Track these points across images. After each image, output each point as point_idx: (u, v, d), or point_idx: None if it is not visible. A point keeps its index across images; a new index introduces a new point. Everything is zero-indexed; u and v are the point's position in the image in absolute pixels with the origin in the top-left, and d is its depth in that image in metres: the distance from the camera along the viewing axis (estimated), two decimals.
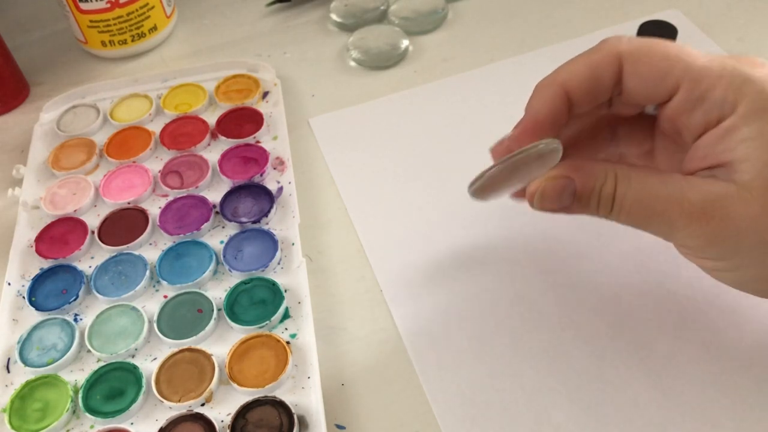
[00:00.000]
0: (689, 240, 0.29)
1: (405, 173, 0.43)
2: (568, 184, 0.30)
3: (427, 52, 0.52)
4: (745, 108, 0.28)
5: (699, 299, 0.35)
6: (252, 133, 0.45)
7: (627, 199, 0.30)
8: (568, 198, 0.31)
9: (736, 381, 0.33)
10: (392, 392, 0.34)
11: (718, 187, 0.28)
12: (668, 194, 0.29)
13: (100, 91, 0.50)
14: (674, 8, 0.52)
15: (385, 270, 0.39)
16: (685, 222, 0.28)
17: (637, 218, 0.30)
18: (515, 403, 0.33)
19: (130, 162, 0.45)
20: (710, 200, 0.28)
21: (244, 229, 0.40)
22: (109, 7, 0.50)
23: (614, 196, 0.30)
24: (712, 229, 0.28)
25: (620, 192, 0.30)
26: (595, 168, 0.30)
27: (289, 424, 0.32)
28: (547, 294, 0.37)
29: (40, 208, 0.43)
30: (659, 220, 0.29)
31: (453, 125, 0.46)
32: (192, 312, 0.37)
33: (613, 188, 0.30)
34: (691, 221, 0.28)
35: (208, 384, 0.34)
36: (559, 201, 0.31)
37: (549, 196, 0.31)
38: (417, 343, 0.35)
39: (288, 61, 0.53)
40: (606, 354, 0.34)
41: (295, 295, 0.37)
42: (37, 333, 0.36)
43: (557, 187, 0.30)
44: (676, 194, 0.28)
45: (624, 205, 0.30)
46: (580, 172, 0.30)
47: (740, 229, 0.28)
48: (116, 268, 0.39)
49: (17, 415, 0.33)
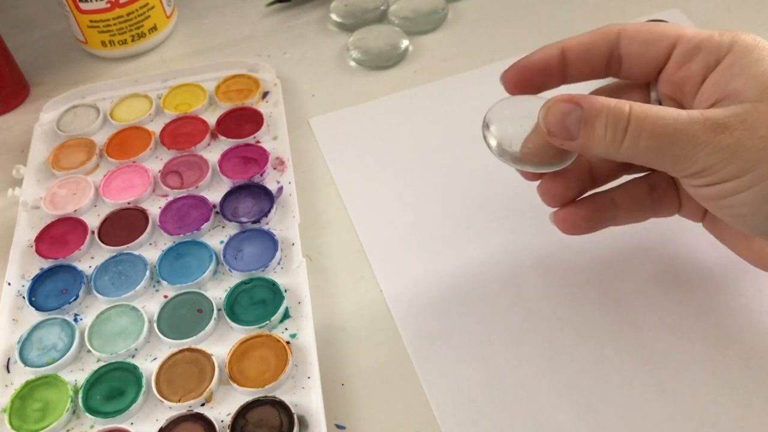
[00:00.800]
0: (712, 157, 0.29)
1: (405, 173, 0.43)
2: (573, 108, 0.30)
3: (427, 52, 0.52)
4: (740, 46, 0.30)
5: (699, 299, 0.36)
6: (252, 133, 0.45)
7: (645, 123, 0.29)
8: (574, 124, 0.30)
9: (736, 381, 0.33)
10: (392, 392, 0.34)
11: (735, 107, 0.29)
12: (689, 117, 0.29)
13: (100, 91, 0.50)
14: (674, 8, 0.52)
15: (385, 270, 0.39)
16: (709, 136, 0.28)
17: (656, 142, 0.29)
18: (515, 403, 0.33)
19: (130, 162, 0.45)
20: (732, 116, 0.29)
21: (244, 229, 0.40)
22: (109, 7, 0.50)
23: (629, 117, 0.29)
24: (737, 138, 0.28)
25: (637, 113, 0.29)
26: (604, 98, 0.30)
27: (289, 424, 0.32)
28: (547, 294, 0.37)
29: (40, 208, 0.43)
30: (683, 141, 0.29)
31: (453, 125, 0.46)
32: (192, 312, 0.37)
33: (627, 109, 0.29)
34: (716, 134, 0.28)
35: (208, 384, 0.34)
36: (561, 125, 0.30)
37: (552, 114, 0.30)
38: (417, 343, 0.35)
39: (288, 61, 0.53)
40: (606, 354, 0.34)
41: (295, 295, 0.37)
42: (37, 333, 0.36)
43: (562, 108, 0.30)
44: (697, 116, 0.29)
45: (642, 128, 0.29)
46: (586, 98, 0.30)
47: (762, 136, 0.28)
48: (116, 268, 0.39)
49: (17, 415, 0.33)
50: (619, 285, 0.36)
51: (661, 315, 0.35)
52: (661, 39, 0.32)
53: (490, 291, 0.37)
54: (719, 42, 0.30)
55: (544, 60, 0.33)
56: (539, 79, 0.33)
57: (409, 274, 0.38)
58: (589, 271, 0.37)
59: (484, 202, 0.40)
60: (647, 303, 0.36)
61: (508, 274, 0.38)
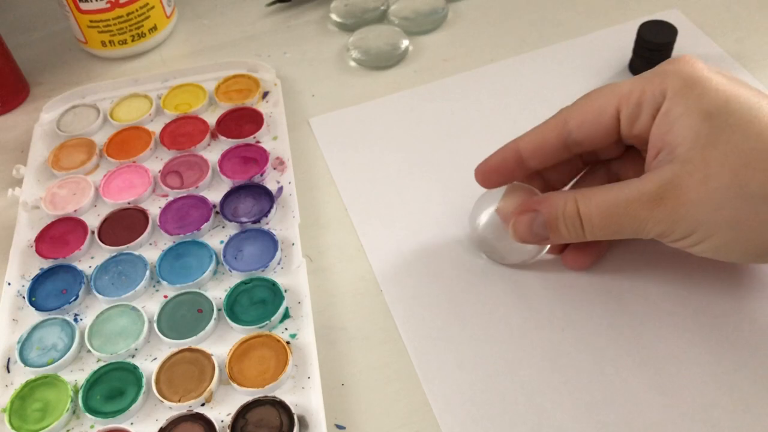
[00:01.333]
0: (657, 227, 0.31)
1: (405, 173, 0.43)
2: (536, 216, 0.33)
3: (427, 52, 0.52)
4: (672, 91, 0.31)
5: (699, 299, 0.36)
6: (252, 133, 0.45)
7: (593, 215, 0.32)
8: (541, 228, 0.33)
9: (736, 381, 0.33)
10: (392, 392, 0.34)
11: (666, 171, 0.30)
12: (627, 196, 0.31)
13: (100, 91, 0.50)
14: (674, 8, 0.52)
15: (385, 270, 0.39)
16: (647, 213, 0.30)
17: (608, 227, 0.32)
18: (515, 403, 0.33)
19: (130, 162, 0.45)
20: (663, 184, 0.30)
21: (244, 229, 0.40)
22: (109, 7, 0.50)
23: (579, 215, 0.32)
24: (671, 209, 0.30)
25: (583, 210, 0.32)
26: (556, 196, 0.33)
27: (289, 424, 0.32)
28: (547, 294, 0.37)
29: (40, 208, 0.43)
30: (628, 221, 0.31)
31: (453, 125, 0.46)
32: (192, 312, 0.37)
33: (575, 208, 0.32)
34: (653, 209, 0.30)
35: (208, 384, 0.34)
36: (531, 232, 0.34)
37: (520, 229, 0.34)
38: (417, 343, 0.35)
39: (288, 61, 0.53)
40: (606, 354, 0.34)
41: (295, 295, 0.37)
42: (37, 333, 0.36)
43: (526, 220, 0.34)
44: (633, 193, 0.31)
45: (592, 221, 0.32)
46: (543, 203, 0.33)
47: (693, 201, 0.30)
48: (116, 268, 0.39)
49: (17, 415, 0.33)
50: (619, 285, 0.36)
51: (661, 315, 0.35)
52: (603, 113, 0.33)
53: (491, 291, 0.37)
54: (653, 92, 0.32)
55: (499, 163, 0.36)
56: (502, 178, 0.36)
57: (409, 274, 0.38)
58: (589, 272, 0.37)
59: None
60: (647, 303, 0.36)
61: (508, 274, 0.38)
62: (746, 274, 0.36)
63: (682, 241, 0.31)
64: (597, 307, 0.36)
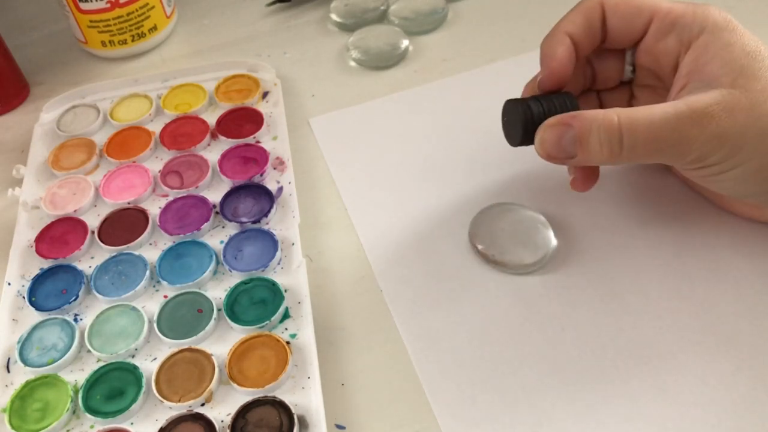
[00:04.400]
0: (702, 148, 0.31)
1: (405, 173, 0.43)
2: (566, 130, 0.32)
3: (427, 52, 0.52)
4: (713, 26, 0.33)
5: (700, 299, 0.36)
6: (252, 133, 0.45)
7: (638, 131, 0.31)
8: (570, 144, 0.32)
9: (736, 381, 0.33)
10: (392, 392, 0.34)
11: (714, 94, 0.31)
12: (677, 112, 0.31)
13: (100, 91, 0.50)
14: None
15: (385, 270, 0.39)
16: (698, 131, 0.31)
17: (652, 144, 0.31)
18: (515, 403, 0.33)
19: (130, 162, 0.45)
20: (713, 104, 0.31)
21: (244, 229, 0.40)
22: (109, 7, 0.50)
23: (620, 129, 0.31)
24: (723, 127, 0.31)
25: (627, 124, 0.31)
26: (592, 111, 0.32)
27: (289, 424, 0.32)
28: (547, 294, 0.37)
29: (40, 208, 0.43)
30: (676, 138, 0.31)
31: (453, 125, 0.46)
32: (192, 312, 0.37)
33: (616, 123, 0.31)
34: (704, 126, 0.31)
35: (208, 384, 0.34)
36: (559, 147, 0.32)
37: (549, 141, 0.33)
38: (417, 343, 0.35)
39: (288, 61, 0.53)
40: (606, 354, 0.34)
41: (295, 295, 0.37)
42: (37, 333, 0.36)
43: (556, 132, 0.32)
44: (684, 110, 0.31)
45: (636, 137, 0.31)
46: (577, 117, 0.32)
47: (742, 123, 0.31)
48: (116, 268, 0.39)
49: (17, 415, 0.33)
50: (620, 285, 0.36)
51: (661, 314, 0.35)
52: (638, 14, 0.35)
53: (491, 291, 0.37)
54: (692, 20, 0.33)
55: (565, 53, 0.35)
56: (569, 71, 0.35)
57: (409, 274, 0.38)
58: (589, 271, 0.37)
59: (485, 201, 0.40)
60: (647, 303, 0.36)
61: (508, 273, 0.38)
62: (746, 274, 0.36)
63: (719, 165, 0.32)
64: (597, 307, 0.36)
